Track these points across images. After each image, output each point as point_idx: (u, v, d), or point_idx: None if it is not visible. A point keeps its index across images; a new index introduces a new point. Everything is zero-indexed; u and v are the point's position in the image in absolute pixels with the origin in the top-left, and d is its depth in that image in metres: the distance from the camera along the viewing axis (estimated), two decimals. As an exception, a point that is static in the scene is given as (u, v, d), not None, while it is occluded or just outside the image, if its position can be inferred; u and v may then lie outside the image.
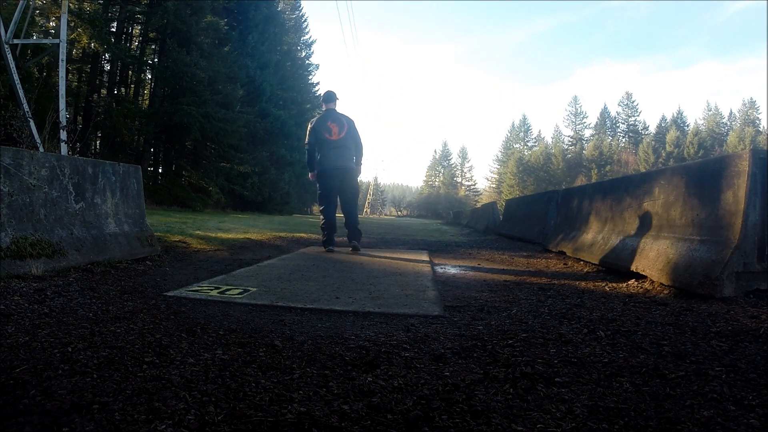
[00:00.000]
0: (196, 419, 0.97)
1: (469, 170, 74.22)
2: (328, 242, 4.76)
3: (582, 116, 65.50)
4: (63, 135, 9.10)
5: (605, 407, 1.07)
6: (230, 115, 17.56)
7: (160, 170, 20.42)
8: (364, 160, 5.11)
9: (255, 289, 2.43)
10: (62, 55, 9.19)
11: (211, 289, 2.39)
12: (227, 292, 2.33)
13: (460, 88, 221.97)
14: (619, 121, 64.76)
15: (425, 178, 76.03)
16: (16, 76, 8.76)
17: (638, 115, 64.48)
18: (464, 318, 1.95)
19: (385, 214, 73.06)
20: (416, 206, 71.49)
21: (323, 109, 5.08)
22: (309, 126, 5.00)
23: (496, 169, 69.19)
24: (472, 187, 71.99)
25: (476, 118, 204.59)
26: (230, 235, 5.80)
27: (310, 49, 31.59)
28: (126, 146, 18.00)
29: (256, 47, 21.53)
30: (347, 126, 4.83)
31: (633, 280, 2.85)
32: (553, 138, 66.21)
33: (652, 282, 2.68)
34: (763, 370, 1.29)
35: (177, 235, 4.95)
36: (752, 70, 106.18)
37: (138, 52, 19.54)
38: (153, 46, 20.20)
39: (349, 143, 4.82)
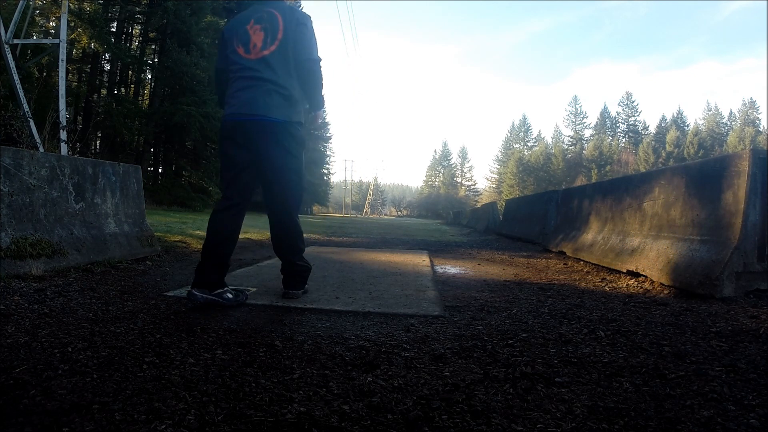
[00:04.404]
0: (196, 419, 0.97)
1: (469, 170, 74.29)
2: (198, 278, 2.02)
3: (582, 116, 65.57)
4: (63, 135, 9.11)
5: (605, 407, 1.07)
6: (230, 115, 17.52)
7: (160, 170, 20.44)
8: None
9: (255, 289, 2.43)
10: (62, 55, 9.20)
11: (211, 289, 2.39)
12: (227, 292, 2.33)
13: (461, 88, 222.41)
14: (619, 121, 64.80)
15: (425, 178, 76.13)
16: (16, 76, 8.76)
17: (638, 115, 64.57)
18: (464, 318, 1.95)
19: (385, 214, 73.06)
20: (416, 206, 71.40)
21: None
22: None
23: (496, 169, 69.26)
24: (472, 187, 72.03)
25: (476, 118, 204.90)
26: (230, 235, 5.78)
27: (310, 49, 31.57)
28: (126, 146, 18.02)
29: (256, 47, 21.49)
30: (283, 30, 2.12)
31: (633, 280, 2.85)
32: (553, 138, 66.31)
33: (652, 282, 2.68)
34: (763, 370, 1.29)
35: (177, 235, 4.94)
36: (751, 69, 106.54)
37: (138, 52, 19.57)
38: (153, 46, 20.22)
39: (281, 65, 2.12)
